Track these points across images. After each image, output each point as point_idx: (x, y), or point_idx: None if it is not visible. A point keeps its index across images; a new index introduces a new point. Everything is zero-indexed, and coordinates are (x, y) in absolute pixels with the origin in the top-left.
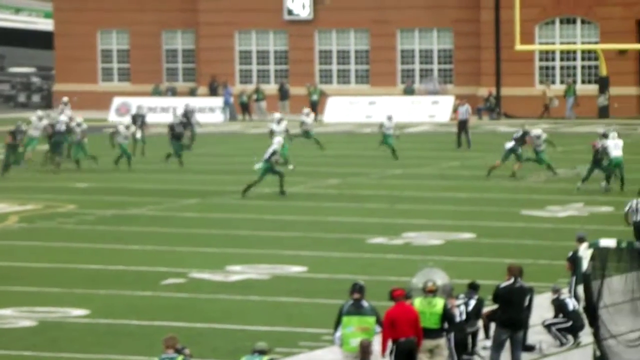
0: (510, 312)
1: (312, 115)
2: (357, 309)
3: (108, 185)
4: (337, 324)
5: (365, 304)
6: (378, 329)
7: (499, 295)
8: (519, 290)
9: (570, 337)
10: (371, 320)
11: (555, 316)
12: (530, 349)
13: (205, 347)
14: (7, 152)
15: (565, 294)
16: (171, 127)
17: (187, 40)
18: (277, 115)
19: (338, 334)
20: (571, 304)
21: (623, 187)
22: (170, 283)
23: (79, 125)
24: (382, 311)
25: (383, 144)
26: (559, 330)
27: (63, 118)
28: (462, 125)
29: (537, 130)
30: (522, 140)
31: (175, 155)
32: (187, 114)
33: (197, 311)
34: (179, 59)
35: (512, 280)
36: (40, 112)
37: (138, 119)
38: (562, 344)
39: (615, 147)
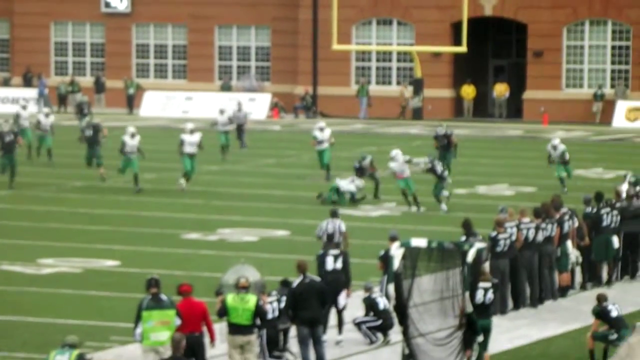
0: (306, 308)
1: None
2: (156, 303)
3: None
4: (137, 319)
5: (164, 297)
6: (178, 321)
7: (295, 294)
8: (310, 286)
9: (380, 335)
10: (171, 313)
11: (366, 314)
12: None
13: (15, 340)
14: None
15: (376, 293)
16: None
17: (2, 30)
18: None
19: (139, 330)
20: (382, 302)
21: (419, 208)
22: None
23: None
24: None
25: (223, 144)
26: (369, 328)
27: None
28: (240, 128)
29: None
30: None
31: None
32: (82, 106)
33: (7, 304)
34: None
35: (302, 277)
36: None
37: None
38: (371, 342)
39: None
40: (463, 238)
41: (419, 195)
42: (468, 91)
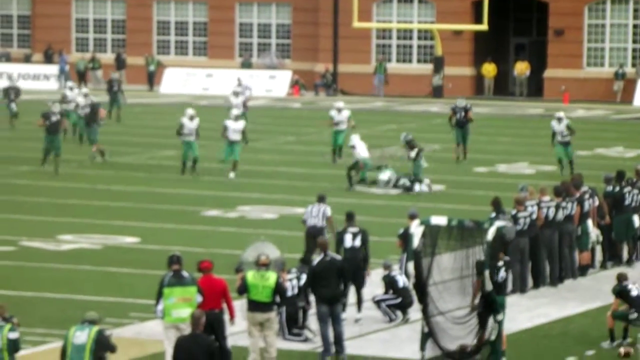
0: (326, 286)
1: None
2: (178, 280)
3: None
4: (159, 296)
5: (185, 274)
6: (199, 298)
7: (315, 272)
8: (330, 264)
9: (399, 313)
10: (192, 290)
11: (386, 292)
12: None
13: (35, 316)
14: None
15: (395, 271)
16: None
17: (23, 6)
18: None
19: (160, 306)
20: (401, 280)
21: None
22: None
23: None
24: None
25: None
26: (388, 306)
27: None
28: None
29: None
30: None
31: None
32: (112, 83)
33: (27, 280)
34: (14, 25)
35: (322, 255)
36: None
37: (11, 91)
38: (391, 320)
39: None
40: (492, 215)
41: (427, 173)
42: (489, 69)
